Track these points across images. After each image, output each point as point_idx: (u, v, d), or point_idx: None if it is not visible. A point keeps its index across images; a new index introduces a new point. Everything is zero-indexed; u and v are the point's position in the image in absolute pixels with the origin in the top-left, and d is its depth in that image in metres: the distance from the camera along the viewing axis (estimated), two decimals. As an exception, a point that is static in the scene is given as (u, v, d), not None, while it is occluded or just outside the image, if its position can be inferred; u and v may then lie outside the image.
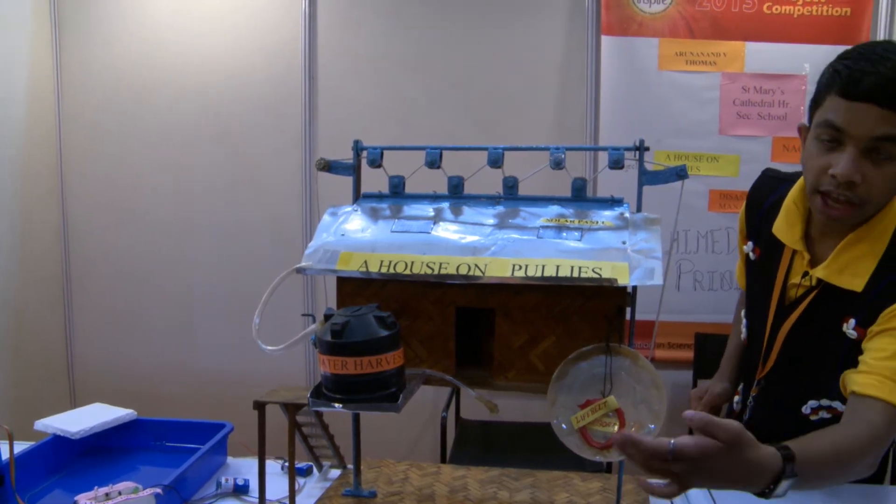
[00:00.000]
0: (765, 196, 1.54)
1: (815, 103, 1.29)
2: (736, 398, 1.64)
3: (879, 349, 1.21)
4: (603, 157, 2.77)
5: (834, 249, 1.33)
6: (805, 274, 1.37)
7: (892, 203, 1.31)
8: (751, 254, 1.54)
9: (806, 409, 1.37)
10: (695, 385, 2.87)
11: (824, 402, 1.35)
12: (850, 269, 1.30)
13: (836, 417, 1.27)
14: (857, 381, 1.20)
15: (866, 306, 1.26)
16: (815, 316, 1.35)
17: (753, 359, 1.52)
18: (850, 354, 1.26)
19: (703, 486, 1.25)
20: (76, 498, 1.25)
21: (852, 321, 1.27)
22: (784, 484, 1.01)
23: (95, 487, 1.26)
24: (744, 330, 1.62)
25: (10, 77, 3.07)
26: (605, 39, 2.88)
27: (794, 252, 1.42)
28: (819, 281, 1.33)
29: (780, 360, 1.43)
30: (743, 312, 1.63)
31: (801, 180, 1.43)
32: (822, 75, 1.28)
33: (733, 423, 0.95)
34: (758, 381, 1.48)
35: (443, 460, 2.57)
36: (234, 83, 3.15)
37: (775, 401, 1.45)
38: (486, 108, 3.02)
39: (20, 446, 1.44)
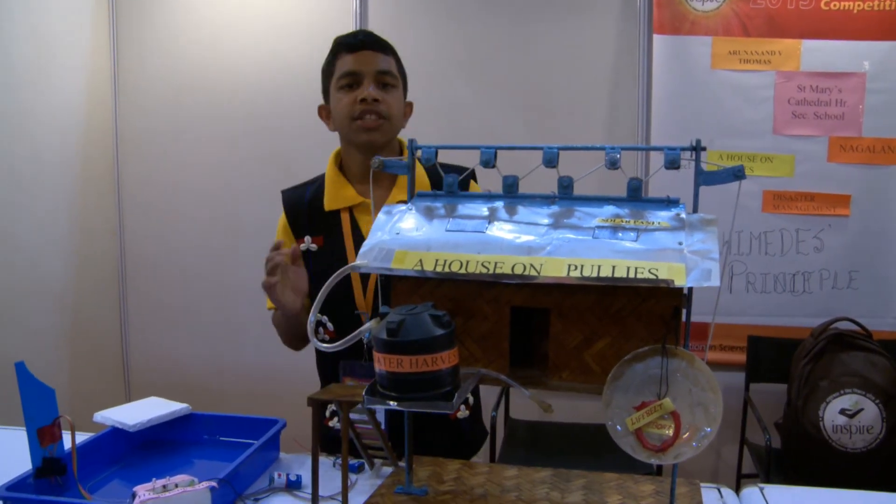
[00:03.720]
0: (300, 198, 1.84)
1: (329, 74, 1.76)
2: None
3: None
4: (655, 157, 2.77)
5: (391, 189, 1.75)
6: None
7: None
8: (311, 246, 1.78)
9: None
10: (747, 388, 2.83)
11: None
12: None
13: None
14: None
15: None
16: None
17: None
18: None
19: None
20: (135, 489, 1.27)
21: None
22: None
23: (153, 479, 1.28)
24: (329, 325, 1.75)
25: (70, 81, 3.15)
26: (657, 38, 2.86)
27: (353, 211, 1.76)
28: None
29: None
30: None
31: (332, 153, 1.83)
32: (326, 58, 1.77)
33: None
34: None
35: (492, 460, 2.57)
36: (286, 84, 3.19)
37: None
38: (536, 107, 3.01)
39: (79, 437, 1.47)
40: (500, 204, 1.23)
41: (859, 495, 1.53)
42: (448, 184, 1.27)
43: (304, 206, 1.82)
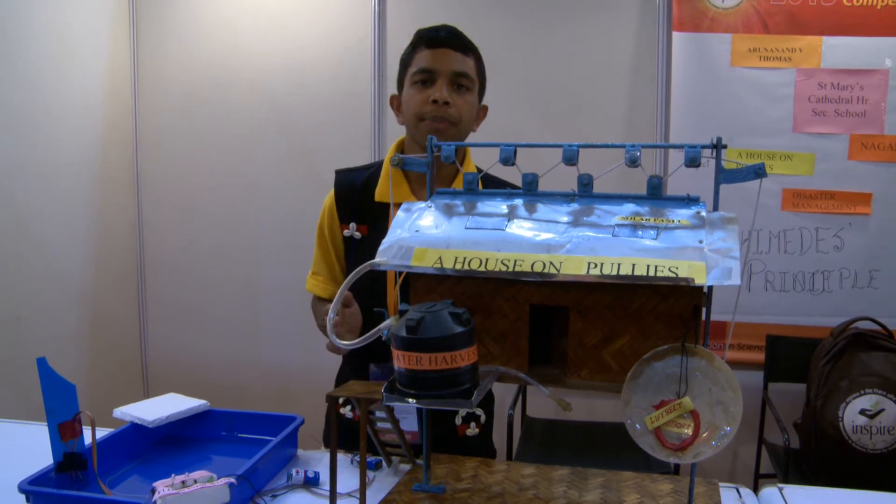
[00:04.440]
0: (352, 182, 1.81)
1: (406, 65, 1.73)
2: None
3: None
4: (674, 155, 2.75)
5: None
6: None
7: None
8: (355, 234, 1.77)
9: None
10: (766, 388, 2.81)
11: None
12: None
13: None
14: None
15: None
16: None
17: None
18: None
19: None
20: (154, 484, 1.28)
21: None
22: None
23: (172, 475, 1.29)
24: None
25: (90, 80, 3.17)
26: (676, 35, 2.84)
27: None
28: None
29: None
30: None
31: (393, 146, 1.80)
32: (406, 48, 1.74)
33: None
34: None
35: (509, 458, 2.57)
36: (304, 82, 3.20)
37: None
38: (555, 105, 3.00)
39: (99, 433, 1.48)
40: (519, 202, 1.23)
41: (879, 496, 1.52)
42: (468, 181, 1.27)
43: (355, 191, 1.80)
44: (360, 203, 1.78)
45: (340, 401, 1.80)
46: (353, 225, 1.77)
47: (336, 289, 1.81)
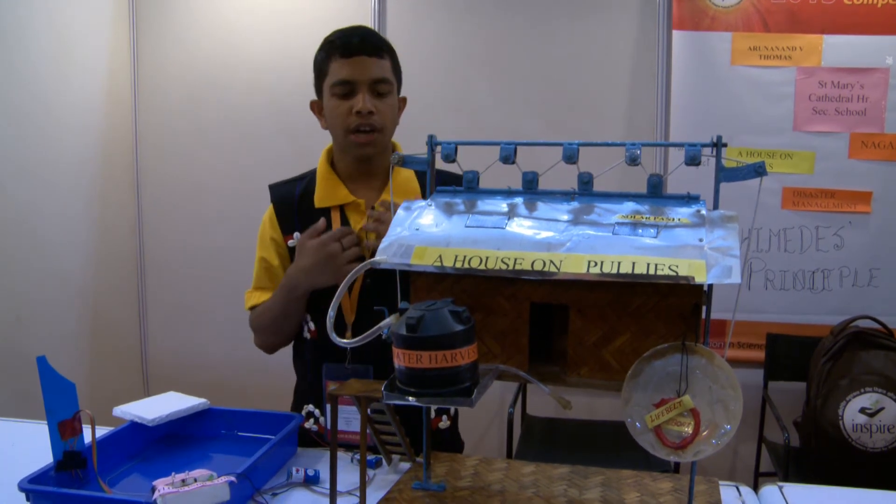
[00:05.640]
0: (289, 194, 1.82)
1: (321, 75, 1.70)
2: None
3: None
4: (674, 154, 2.75)
5: (381, 190, 1.73)
6: (372, 209, 1.67)
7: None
8: None
9: None
10: (766, 386, 2.81)
11: None
12: (406, 194, 1.66)
13: None
14: None
15: None
16: None
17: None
18: None
19: None
20: (154, 483, 1.28)
21: None
22: None
23: (173, 473, 1.28)
24: (311, 324, 1.83)
25: (90, 81, 3.17)
26: (676, 34, 2.84)
27: (343, 210, 1.74)
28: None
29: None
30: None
31: (325, 150, 1.82)
32: (318, 53, 1.70)
33: None
34: None
35: (509, 456, 2.57)
36: (304, 82, 3.18)
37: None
38: (555, 104, 3.00)
39: (99, 432, 1.48)
40: (519, 200, 1.23)
41: (880, 495, 1.52)
42: (468, 180, 1.27)
43: (293, 201, 1.81)
44: (300, 212, 1.78)
45: (303, 413, 1.83)
46: (296, 235, 1.77)
47: None
